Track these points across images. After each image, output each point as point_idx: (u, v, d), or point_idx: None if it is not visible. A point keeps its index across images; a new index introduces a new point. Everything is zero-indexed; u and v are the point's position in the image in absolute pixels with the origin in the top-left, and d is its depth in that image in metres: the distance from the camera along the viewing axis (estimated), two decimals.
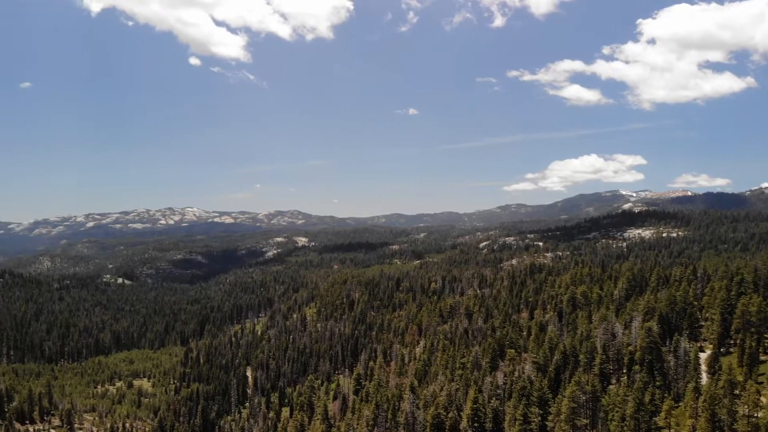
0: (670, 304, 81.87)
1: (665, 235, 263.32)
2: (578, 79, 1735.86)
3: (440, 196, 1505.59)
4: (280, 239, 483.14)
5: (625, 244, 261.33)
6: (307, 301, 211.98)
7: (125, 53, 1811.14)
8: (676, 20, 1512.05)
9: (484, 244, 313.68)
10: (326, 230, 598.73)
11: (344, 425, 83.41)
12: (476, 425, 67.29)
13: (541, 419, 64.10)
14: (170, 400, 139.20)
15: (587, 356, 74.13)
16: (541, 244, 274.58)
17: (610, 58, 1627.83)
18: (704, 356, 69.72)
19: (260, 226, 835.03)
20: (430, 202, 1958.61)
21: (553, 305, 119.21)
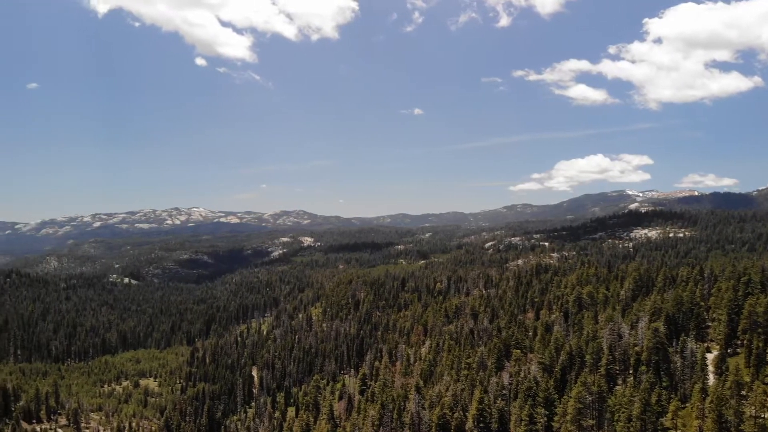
0: (676, 304, 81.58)
1: (672, 235, 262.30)
2: (584, 78, 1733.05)
3: (446, 196, 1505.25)
4: (285, 239, 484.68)
5: (631, 244, 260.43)
6: (312, 300, 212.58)
7: (132, 54, 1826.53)
8: (682, 19, 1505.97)
9: (489, 244, 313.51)
10: (332, 230, 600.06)
11: (350, 425, 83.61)
12: (482, 425, 67.28)
13: (546, 420, 63.98)
14: (176, 399, 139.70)
15: (593, 357, 73.96)
16: (547, 244, 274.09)
17: (616, 57, 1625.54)
18: (711, 357, 69.38)
19: (266, 226, 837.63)
20: (435, 202, 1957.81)
21: (559, 305, 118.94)
